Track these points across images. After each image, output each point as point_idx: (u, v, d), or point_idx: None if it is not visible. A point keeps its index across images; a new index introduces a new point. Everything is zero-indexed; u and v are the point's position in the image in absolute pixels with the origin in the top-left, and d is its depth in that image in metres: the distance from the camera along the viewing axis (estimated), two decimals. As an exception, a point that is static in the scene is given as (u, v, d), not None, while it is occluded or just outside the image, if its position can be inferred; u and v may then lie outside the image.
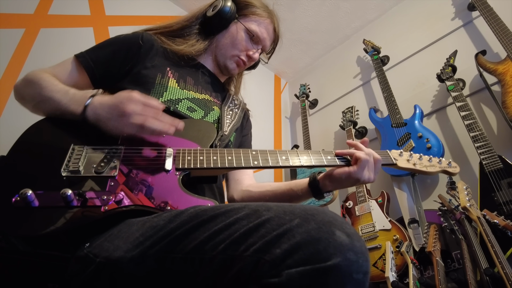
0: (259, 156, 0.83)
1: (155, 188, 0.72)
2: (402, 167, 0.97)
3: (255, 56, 1.12)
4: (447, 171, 1.01)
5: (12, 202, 0.62)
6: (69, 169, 0.69)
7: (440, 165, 1.01)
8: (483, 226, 1.18)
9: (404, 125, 1.86)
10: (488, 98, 1.69)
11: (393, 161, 0.96)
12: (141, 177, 0.72)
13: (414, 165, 0.98)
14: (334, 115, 2.57)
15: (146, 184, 0.72)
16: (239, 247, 0.50)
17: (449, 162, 1.02)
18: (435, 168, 0.99)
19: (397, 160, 0.97)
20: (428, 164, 1.00)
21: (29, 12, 1.71)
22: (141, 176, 0.73)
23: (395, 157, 0.98)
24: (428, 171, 0.98)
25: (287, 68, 3.11)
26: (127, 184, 0.70)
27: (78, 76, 0.93)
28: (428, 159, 1.01)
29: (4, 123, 1.43)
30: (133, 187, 0.70)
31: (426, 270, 1.44)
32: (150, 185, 0.72)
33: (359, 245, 0.49)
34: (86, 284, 0.59)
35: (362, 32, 2.69)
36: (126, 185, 0.70)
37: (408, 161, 0.98)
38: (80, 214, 0.64)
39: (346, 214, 1.89)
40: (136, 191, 0.70)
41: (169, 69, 1.00)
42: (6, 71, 1.52)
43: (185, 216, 0.58)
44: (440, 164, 1.01)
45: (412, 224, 1.64)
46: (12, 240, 0.62)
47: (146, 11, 2.25)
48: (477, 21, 1.97)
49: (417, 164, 0.98)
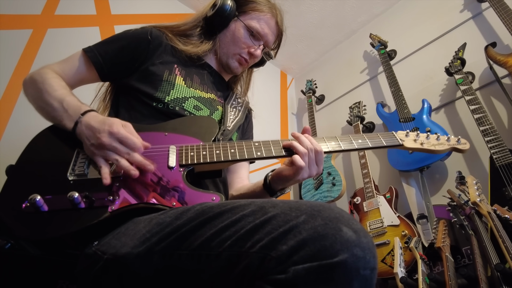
0: (262, 147, 0.83)
1: (160, 186, 0.73)
2: (409, 147, 0.94)
3: (257, 53, 1.10)
4: (457, 148, 0.97)
5: (22, 208, 0.64)
6: (75, 173, 0.71)
7: (449, 143, 0.96)
8: (494, 221, 1.16)
9: (412, 120, 1.84)
10: (498, 91, 1.66)
11: (399, 142, 0.93)
12: (145, 176, 0.73)
13: (421, 145, 0.94)
14: (341, 111, 2.55)
15: (151, 183, 0.72)
16: (246, 243, 0.50)
17: (458, 139, 0.98)
18: (444, 146, 0.95)
19: (403, 141, 0.94)
20: (436, 143, 0.96)
21: (36, 13, 1.73)
22: (145, 174, 0.73)
23: (401, 138, 0.95)
24: (437, 149, 0.95)
25: (293, 64, 3.09)
26: (133, 183, 0.71)
27: (85, 71, 0.94)
28: (436, 138, 0.97)
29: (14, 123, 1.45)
30: (138, 186, 0.71)
31: (435, 266, 1.43)
32: (155, 183, 0.72)
33: (366, 241, 0.48)
34: (95, 281, 0.60)
35: (369, 27, 2.66)
36: (131, 185, 0.71)
37: (415, 141, 0.95)
38: (88, 215, 0.65)
39: (354, 210, 1.88)
40: (141, 190, 0.71)
41: (176, 66, 1.00)
42: (15, 71, 1.55)
43: (191, 213, 0.58)
44: (449, 141, 0.97)
45: (421, 220, 1.62)
46: (23, 244, 0.63)
47: (152, 10, 2.26)
48: (486, 13, 1.93)
49: (424, 143, 0.95)
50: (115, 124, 0.72)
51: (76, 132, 0.76)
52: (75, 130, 0.76)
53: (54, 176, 0.71)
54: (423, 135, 0.97)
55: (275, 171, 0.93)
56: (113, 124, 0.72)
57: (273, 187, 0.94)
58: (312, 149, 0.83)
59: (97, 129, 0.72)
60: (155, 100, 0.92)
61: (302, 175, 0.83)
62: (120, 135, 0.71)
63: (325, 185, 2.07)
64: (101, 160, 0.72)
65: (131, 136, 0.72)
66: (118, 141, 0.71)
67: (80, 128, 0.75)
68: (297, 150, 0.82)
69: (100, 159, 0.72)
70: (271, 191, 0.95)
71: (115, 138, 0.71)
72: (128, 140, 0.71)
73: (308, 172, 0.84)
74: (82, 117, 0.76)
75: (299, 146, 0.82)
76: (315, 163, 0.85)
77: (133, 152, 0.72)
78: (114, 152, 0.71)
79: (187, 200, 0.71)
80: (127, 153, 0.71)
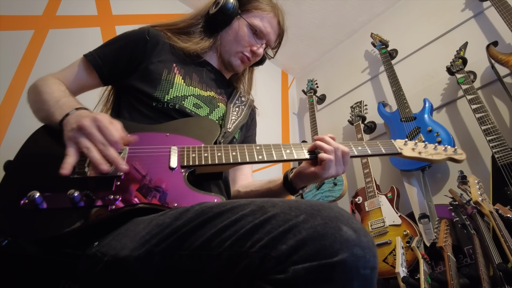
0: (263, 150, 0.83)
1: (161, 186, 0.72)
2: (407, 156, 0.96)
3: (259, 52, 1.10)
4: (453, 158, 0.99)
5: (20, 204, 0.63)
6: (75, 171, 0.69)
7: (446, 153, 0.98)
8: (496, 221, 1.16)
9: (413, 119, 1.83)
10: (500, 90, 1.65)
11: (398, 151, 0.95)
12: (146, 176, 0.73)
13: (419, 154, 0.96)
14: (342, 110, 2.55)
15: (151, 183, 0.72)
16: (245, 243, 0.50)
17: (455, 149, 1.00)
18: (441, 156, 0.97)
19: (402, 149, 0.96)
20: (433, 152, 0.98)
21: (38, 14, 1.74)
22: (146, 175, 0.73)
23: (400, 146, 0.97)
24: (434, 159, 0.97)
25: (294, 64, 3.09)
26: (133, 183, 0.71)
27: (86, 76, 0.95)
28: (433, 147, 0.99)
29: (15, 124, 1.45)
30: (138, 186, 0.71)
31: (437, 265, 1.43)
32: (156, 183, 0.72)
33: (366, 240, 0.48)
34: (96, 281, 0.60)
35: (370, 26, 2.65)
36: (132, 184, 0.70)
37: (413, 150, 0.97)
38: (88, 214, 0.65)
39: (356, 209, 1.88)
40: (142, 190, 0.70)
41: (175, 65, 1.00)
42: (17, 72, 1.55)
43: (191, 214, 0.58)
44: (446, 151, 0.99)
45: (422, 219, 1.62)
46: (21, 243, 0.63)
47: (153, 10, 2.26)
48: (488, 12, 1.92)
49: (422, 153, 0.97)
50: (101, 115, 0.70)
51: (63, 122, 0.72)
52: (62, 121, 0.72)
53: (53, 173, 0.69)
54: (421, 145, 0.99)
55: (296, 169, 0.95)
56: (99, 114, 0.70)
57: (295, 185, 0.96)
58: (338, 148, 0.87)
59: (82, 115, 0.70)
60: (155, 100, 0.92)
61: (330, 172, 0.86)
62: (101, 123, 0.68)
63: (327, 185, 2.07)
64: (71, 149, 0.68)
65: (112, 128, 0.69)
66: (97, 128, 0.68)
67: (67, 119, 0.72)
68: (324, 149, 0.85)
69: (71, 147, 0.68)
70: (292, 189, 0.97)
71: (95, 125, 0.68)
72: (107, 131, 0.68)
73: (335, 169, 0.86)
74: (75, 111, 0.74)
75: (325, 145, 0.86)
76: (342, 163, 0.88)
77: (108, 145, 0.68)
78: (89, 138, 0.67)
79: (188, 201, 0.71)
80: (102, 144, 0.67)
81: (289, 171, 0.98)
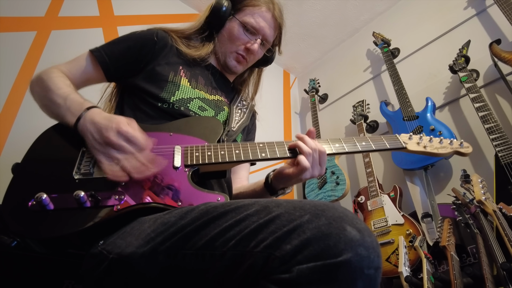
0: (266, 148, 0.83)
1: (166, 186, 0.73)
2: (412, 150, 0.95)
3: (253, 48, 1.07)
4: (459, 151, 0.98)
5: (28, 206, 0.65)
6: (81, 172, 0.71)
7: (452, 146, 0.97)
8: (500, 220, 1.15)
9: (416, 118, 1.83)
10: (503, 88, 1.65)
11: (403, 145, 0.94)
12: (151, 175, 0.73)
13: (424, 148, 0.95)
14: (344, 110, 2.55)
15: (156, 182, 0.72)
16: (250, 243, 0.51)
17: (460, 142, 0.99)
18: (447, 149, 0.96)
19: (406, 143, 0.95)
20: (439, 146, 0.97)
21: (40, 15, 1.74)
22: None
23: (404, 140, 0.95)
24: (439, 152, 0.96)
25: (296, 63, 3.09)
26: (138, 183, 0.71)
27: (92, 71, 0.95)
28: (438, 141, 0.98)
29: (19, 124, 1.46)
30: (143, 186, 0.71)
31: (440, 264, 1.42)
32: (160, 183, 0.73)
33: (370, 240, 0.48)
34: (100, 280, 0.61)
35: (372, 25, 2.65)
36: (137, 184, 0.71)
37: (418, 144, 0.96)
38: (94, 214, 0.66)
39: (358, 209, 1.88)
40: (147, 190, 0.71)
41: (181, 68, 1.01)
42: (20, 73, 1.56)
43: (196, 213, 0.58)
44: (452, 145, 0.98)
45: (425, 219, 1.62)
46: (28, 243, 0.64)
47: (155, 10, 2.26)
48: (491, 10, 1.91)
49: (427, 147, 0.96)
50: (122, 123, 0.72)
51: (78, 127, 0.75)
52: (77, 125, 0.75)
53: (59, 175, 0.71)
54: (426, 138, 0.98)
55: (276, 170, 0.93)
56: (120, 122, 0.72)
57: (274, 186, 0.94)
58: (316, 150, 0.84)
59: (103, 126, 0.72)
60: (160, 101, 0.92)
61: (305, 175, 0.84)
62: (128, 134, 0.71)
63: (329, 184, 2.06)
64: (103, 157, 0.71)
65: (137, 135, 0.72)
66: (125, 140, 0.71)
67: (83, 124, 0.74)
68: (302, 150, 0.83)
69: (102, 156, 0.71)
70: (272, 190, 0.95)
71: (122, 138, 0.71)
72: (135, 140, 0.71)
73: (311, 172, 0.84)
74: (86, 113, 0.76)
75: (304, 146, 0.83)
76: (318, 164, 0.85)
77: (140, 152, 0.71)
78: (120, 150, 0.71)
79: (192, 200, 0.72)
80: (133, 153, 0.71)
81: (272, 171, 0.96)
